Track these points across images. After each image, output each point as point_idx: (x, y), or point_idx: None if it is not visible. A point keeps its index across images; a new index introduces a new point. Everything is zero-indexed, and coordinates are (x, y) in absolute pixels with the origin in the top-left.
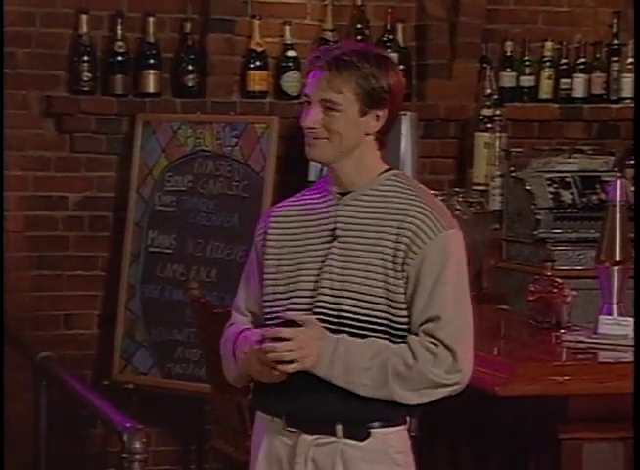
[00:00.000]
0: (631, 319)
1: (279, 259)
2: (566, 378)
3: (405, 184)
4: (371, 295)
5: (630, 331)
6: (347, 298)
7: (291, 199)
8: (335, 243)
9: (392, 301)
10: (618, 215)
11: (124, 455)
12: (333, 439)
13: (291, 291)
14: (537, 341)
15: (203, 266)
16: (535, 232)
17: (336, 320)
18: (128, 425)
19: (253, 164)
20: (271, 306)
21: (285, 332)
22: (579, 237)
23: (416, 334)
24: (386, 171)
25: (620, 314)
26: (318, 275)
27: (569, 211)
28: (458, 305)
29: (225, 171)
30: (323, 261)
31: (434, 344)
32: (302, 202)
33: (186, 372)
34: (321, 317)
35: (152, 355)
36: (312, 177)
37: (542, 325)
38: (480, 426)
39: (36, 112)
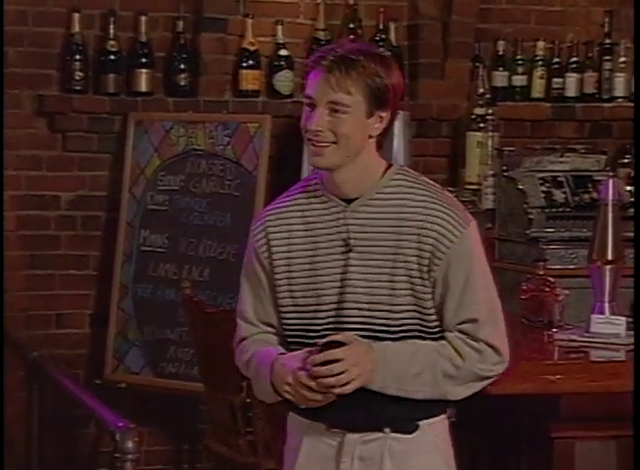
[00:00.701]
0: (623, 318)
1: (289, 271)
2: (558, 377)
3: (413, 181)
4: (400, 304)
5: (622, 330)
6: (377, 310)
7: (281, 201)
8: (351, 254)
9: (421, 306)
10: (610, 215)
11: (117, 455)
12: (380, 435)
13: (312, 305)
14: (529, 340)
15: (195, 266)
16: (528, 231)
17: (367, 333)
18: (121, 424)
19: (246, 164)
20: (292, 320)
21: (336, 353)
22: (572, 236)
23: (450, 332)
24: (387, 169)
25: (613, 313)
26: (341, 287)
27: (561, 210)
28: (489, 299)
29: (217, 170)
30: (343, 273)
31: (476, 341)
32: (300, 206)
33: (178, 371)
34: (351, 332)
35: (144, 355)
36: (305, 176)
37: (534, 324)
38: (472, 425)
39: (28, 111)
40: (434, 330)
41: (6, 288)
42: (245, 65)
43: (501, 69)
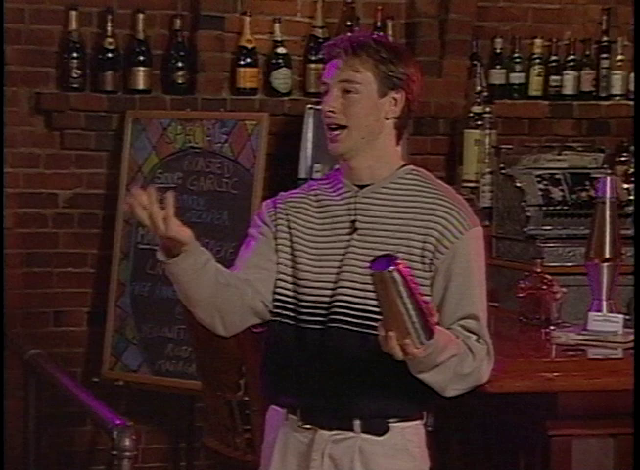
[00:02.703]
0: (621, 316)
1: (292, 249)
2: (555, 374)
3: (426, 179)
4: None
5: (620, 328)
6: (371, 291)
7: (298, 190)
8: (355, 235)
9: None
10: (608, 212)
11: (114, 452)
12: (351, 434)
13: (311, 280)
14: (527, 337)
15: None
16: (525, 229)
17: (360, 313)
18: (118, 422)
19: (244, 161)
20: (285, 296)
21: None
22: (569, 234)
23: (448, 329)
24: (404, 166)
25: (610, 311)
26: (339, 268)
27: (558, 207)
28: (484, 302)
29: (215, 168)
30: (344, 254)
31: (483, 341)
32: (314, 191)
33: (176, 369)
34: (344, 310)
35: (142, 353)
36: (302, 174)
37: (532, 322)
38: (468, 422)
39: (26, 108)
40: None
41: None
42: (242, 62)
43: (499, 66)
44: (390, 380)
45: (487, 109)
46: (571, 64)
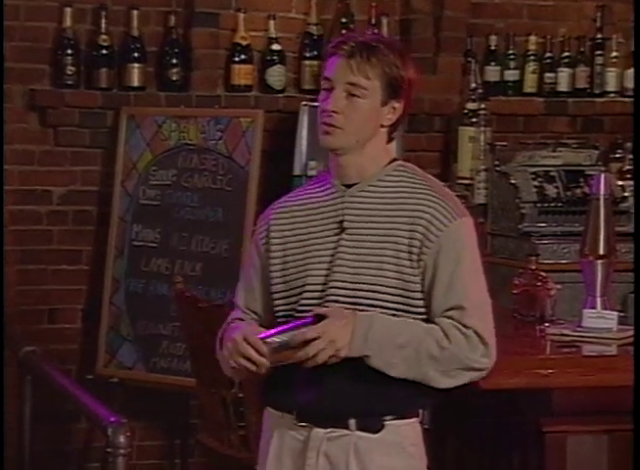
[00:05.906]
0: (615, 313)
1: (284, 256)
2: (550, 371)
3: (413, 174)
4: (385, 286)
5: (614, 324)
6: (362, 290)
7: (290, 194)
8: (344, 235)
9: (407, 290)
10: (602, 209)
11: (108, 450)
12: (346, 432)
13: (300, 286)
14: (522, 334)
15: (187, 260)
16: (520, 226)
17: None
18: (112, 419)
19: (238, 158)
20: (282, 304)
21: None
22: (564, 231)
23: (438, 318)
24: (391, 162)
25: (604, 308)
26: (329, 269)
27: (553, 204)
28: (478, 291)
29: (210, 165)
30: (333, 254)
31: (464, 327)
32: (303, 196)
33: (171, 366)
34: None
35: (136, 350)
36: (297, 171)
37: (527, 319)
38: (463, 419)
39: (20, 105)
40: (419, 317)
41: None
42: (237, 59)
43: (493, 63)
44: (385, 378)
45: (482, 106)
46: (566, 61)
